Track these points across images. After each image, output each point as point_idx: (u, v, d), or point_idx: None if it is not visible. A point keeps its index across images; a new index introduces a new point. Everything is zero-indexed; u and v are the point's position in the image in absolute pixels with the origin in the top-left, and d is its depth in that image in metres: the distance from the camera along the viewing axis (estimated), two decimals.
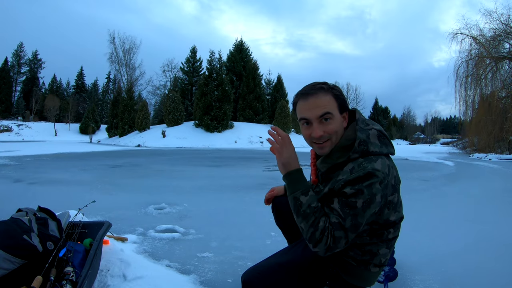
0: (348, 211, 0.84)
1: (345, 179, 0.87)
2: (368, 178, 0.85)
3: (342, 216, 0.84)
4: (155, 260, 1.73)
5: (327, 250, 0.85)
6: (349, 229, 0.84)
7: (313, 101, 0.92)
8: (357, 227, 0.85)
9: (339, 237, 0.84)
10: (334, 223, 0.85)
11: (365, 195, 0.84)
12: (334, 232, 0.84)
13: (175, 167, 7.25)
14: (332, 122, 0.93)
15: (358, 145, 0.90)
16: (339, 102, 0.94)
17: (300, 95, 0.96)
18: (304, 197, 0.88)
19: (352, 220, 0.84)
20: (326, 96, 0.93)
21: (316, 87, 0.94)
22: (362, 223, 0.85)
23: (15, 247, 1.13)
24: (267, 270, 0.97)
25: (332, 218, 0.85)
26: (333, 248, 0.85)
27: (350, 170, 0.89)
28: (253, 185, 4.57)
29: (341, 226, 0.84)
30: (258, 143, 22.45)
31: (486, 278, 1.55)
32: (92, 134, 33.21)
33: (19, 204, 1.52)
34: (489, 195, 4.09)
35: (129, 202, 3.23)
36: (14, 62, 53.03)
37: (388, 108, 56.48)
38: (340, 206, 0.86)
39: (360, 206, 0.84)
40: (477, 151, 13.62)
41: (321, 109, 0.92)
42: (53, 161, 8.31)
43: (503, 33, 14.17)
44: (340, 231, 0.84)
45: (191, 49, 34.17)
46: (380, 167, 0.87)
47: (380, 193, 0.86)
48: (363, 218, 0.85)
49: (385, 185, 0.87)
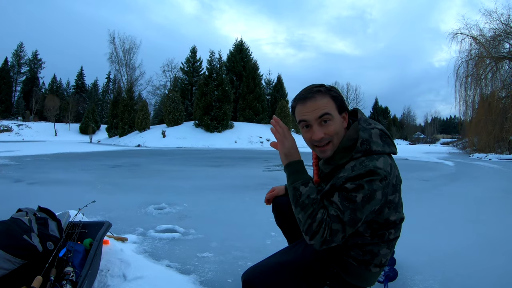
0: (347, 204, 0.84)
1: (346, 176, 0.87)
2: (369, 175, 0.85)
3: (341, 209, 0.84)
4: (155, 260, 1.73)
5: (323, 243, 0.84)
6: (347, 223, 0.83)
7: (311, 104, 0.93)
8: (355, 221, 0.84)
9: (336, 230, 0.83)
10: (332, 215, 0.84)
11: (365, 190, 0.84)
12: (331, 224, 0.83)
13: (175, 167, 7.25)
14: (332, 123, 0.93)
15: (361, 145, 0.90)
16: (337, 103, 0.94)
17: (298, 100, 0.96)
18: (304, 187, 0.88)
19: (351, 214, 0.83)
20: (324, 98, 0.93)
21: (313, 90, 0.94)
22: (361, 219, 0.85)
23: (15, 247, 1.13)
24: (267, 269, 0.97)
25: (330, 211, 0.85)
26: (329, 241, 0.84)
27: (351, 167, 0.89)
28: (253, 185, 4.57)
29: (339, 219, 0.83)
30: (258, 143, 22.45)
31: (486, 278, 1.55)
32: (92, 134, 33.22)
33: (19, 204, 1.52)
34: (489, 195, 4.09)
35: (129, 202, 3.22)
36: (14, 62, 53.08)
37: (388, 108, 56.67)
38: (339, 200, 0.85)
39: (359, 200, 0.84)
40: (477, 151, 13.62)
41: (319, 111, 0.92)
42: (53, 161, 8.31)
43: (503, 33, 14.17)
44: (338, 224, 0.83)
45: (191, 49, 34.23)
46: (382, 165, 0.87)
47: (381, 191, 0.86)
48: (362, 214, 0.84)
49: (387, 184, 0.87)
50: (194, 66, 34.00)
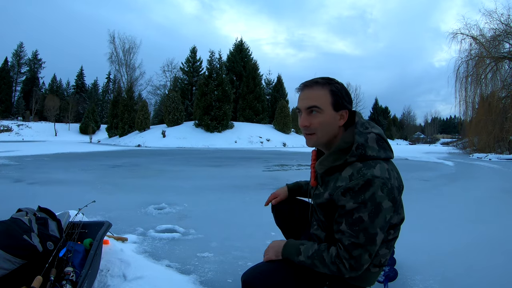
0: (356, 228, 0.84)
1: (344, 186, 0.87)
2: (368, 187, 0.84)
3: (353, 235, 0.85)
4: (155, 260, 1.73)
5: (353, 270, 0.87)
6: (365, 244, 0.84)
7: (306, 93, 0.96)
8: (372, 239, 0.85)
9: (359, 255, 0.85)
10: (348, 245, 0.85)
11: (368, 207, 0.84)
12: (352, 252, 0.85)
13: (175, 167, 7.25)
14: (319, 116, 0.93)
15: (356, 149, 0.89)
16: (334, 99, 0.94)
17: (299, 87, 1.00)
18: (300, 256, 0.94)
19: (364, 235, 0.84)
20: (321, 90, 0.94)
21: (314, 80, 0.97)
22: (376, 233, 0.85)
23: (15, 247, 1.13)
24: (267, 270, 0.97)
25: (345, 242, 0.86)
26: (358, 267, 0.86)
27: (349, 176, 0.88)
28: (253, 185, 4.57)
29: (356, 245, 0.85)
30: (258, 143, 22.45)
31: (486, 278, 1.55)
32: (92, 134, 33.20)
33: (19, 204, 1.52)
34: (489, 195, 4.09)
35: (129, 202, 3.22)
36: (14, 62, 53.07)
37: (388, 108, 56.53)
38: (348, 227, 0.86)
39: (367, 219, 0.84)
40: (477, 151, 13.62)
41: (310, 101, 0.94)
42: (53, 161, 8.31)
43: (503, 33, 14.17)
44: (357, 250, 0.85)
45: (191, 49, 34.20)
46: (379, 173, 0.86)
47: (387, 199, 0.85)
48: (375, 228, 0.84)
49: (390, 190, 0.86)
50: (194, 66, 33.99)
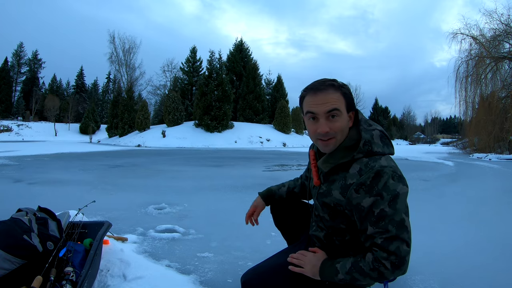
0: (382, 223, 0.83)
1: (356, 182, 0.87)
2: (379, 177, 0.85)
3: (382, 231, 0.83)
4: (155, 260, 1.73)
5: (396, 269, 0.83)
6: (397, 233, 0.83)
7: (323, 97, 0.91)
8: (402, 225, 0.83)
9: (397, 247, 0.82)
10: (382, 243, 0.83)
11: (385, 198, 0.84)
12: (388, 248, 0.82)
13: (175, 167, 7.25)
14: (339, 119, 0.92)
15: (363, 145, 0.90)
16: (347, 101, 0.94)
17: (309, 90, 0.94)
18: (339, 274, 0.89)
19: (393, 225, 0.83)
20: (336, 93, 0.92)
21: (326, 83, 0.93)
22: (403, 219, 0.84)
23: (15, 247, 1.13)
24: (266, 271, 0.97)
25: (378, 241, 0.84)
26: (400, 261, 0.83)
27: (357, 172, 0.88)
28: (253, 185, 4.57)
29: (389, 239, 0.83)
30: (258, 143, 22.44)
31: (486, 278, 1.55)
32: (92, 134, 33.19)
33: (19, 204, 1.52)
34: (489, 195, 4.09)
35: (129, 202, 3.22)
36: (14, 62, 53.02)
37: (388, 108, 56.54)
38: (374, 227, 0.85)
39: (388, 209, 0.83)
40: (477, 151, 13.61)
41: (330, 105, 0.90)
42: (53, 161, 8.30)
43: (503, 33, 14.17)
44: (393, 243, 0.83)
45: (191, 49, 34.13)
46: (386, 163, 0.87)
47: (400, 184, 0.86)
48: (400, 214, 0.84)
49: (399, 176, 0.87)
50: (194, 66, 33.95)
